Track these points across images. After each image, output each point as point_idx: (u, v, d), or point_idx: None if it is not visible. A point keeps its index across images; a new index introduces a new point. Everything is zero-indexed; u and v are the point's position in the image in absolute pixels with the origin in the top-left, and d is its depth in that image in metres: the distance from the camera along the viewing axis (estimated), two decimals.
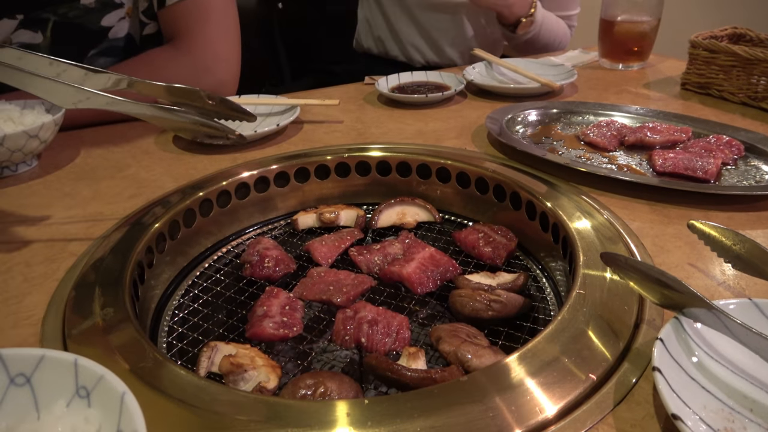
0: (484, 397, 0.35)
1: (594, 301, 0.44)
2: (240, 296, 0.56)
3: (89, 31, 0.90)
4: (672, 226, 0.55)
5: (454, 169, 0.68)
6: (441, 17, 1.31)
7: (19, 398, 0.29)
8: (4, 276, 0.52)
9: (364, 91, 1.02)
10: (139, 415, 0.26)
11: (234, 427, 0.34)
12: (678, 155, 0.66)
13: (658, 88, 0.98)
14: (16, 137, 0.67)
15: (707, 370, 0.36)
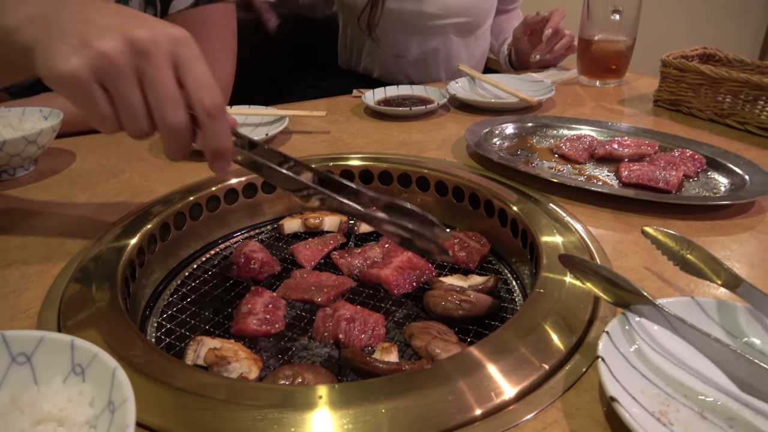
0: (446, 382, 0.39)
1: (552, 299, 0.47)
2: (226, 295, 0.59)
3: None
4: (632, 233, 0.59)
5: (433, 179, 0.72)
6: (426, 42, 1.35)
7: (20, 375, 0.32)
8: (2, 272, 0.55)
9: (351, 103, 1.06)
10: (128, 387, 0.29)
11: (216, 408, 0.37)
12: (643, 167, 0.70)
13: (632, 105, 1.03)
14: (15, 142, 0.70)
15: (648, 359, 0.40)
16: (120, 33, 0.41)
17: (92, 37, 0.41)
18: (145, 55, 0.41)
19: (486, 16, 1.39)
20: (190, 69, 0.43)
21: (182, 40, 0.43)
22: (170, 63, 0.43)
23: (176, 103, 0.43)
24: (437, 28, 1.32)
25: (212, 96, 0.43)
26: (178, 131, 0.44)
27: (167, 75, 0.42)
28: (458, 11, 1.30)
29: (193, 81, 0.43)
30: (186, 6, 0.94)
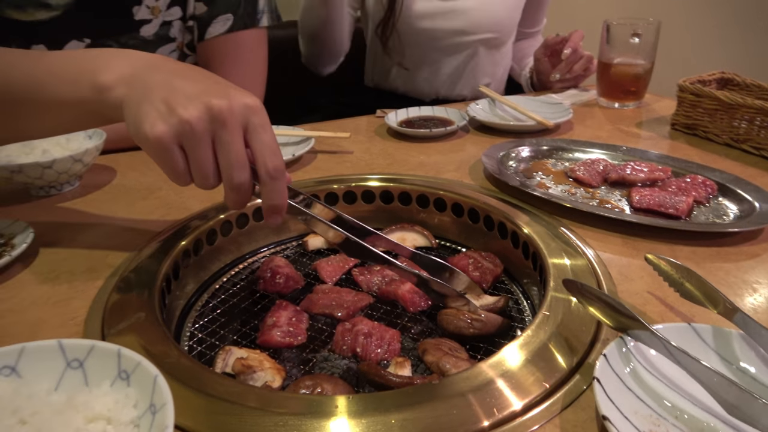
0: (454, 395, 0.42)
1: (557, 321, 0.50)
2: (253, 308, 0.63)
3: None
4: (639, 258, 0.61)
5: (450, 200, 0.75)
6: (456, 58, 1.39)
7: (73, 378, 0.37)
8: (52, 282, 0.60)
9: (374, 123, 1.11)
10: (168, 392, 0.33)
11: (242, 413, 0.41)
12: (654, 193, 0.72)
13: (650, 128, 1.05)
14: (63, 161, 0.76)
15: (642, 381, 0.42)
16: (201, 102, 0.47)
17: (178, 105, 0.47)
18: (221, 123, 0.47)
19: (511, 32, 1.44)
20: (258, 134, 0.49)
21: (254, 108, 0.49)
22: (242, 129, 0.48)
23: (243, 165, 0.49)
24: (465, 44, 1.36)
25: (275, 160, 0.49)
26: (241, 188, 0.50)
27: (238, 140, 0.48)
28: (486, 27, 1.34)
29: (260, 145, 0.49)
30: (221, 32, 1.00)
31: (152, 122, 0.47)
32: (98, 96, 0.52)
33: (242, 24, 1.01)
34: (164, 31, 1.00)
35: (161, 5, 0.97)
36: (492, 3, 1.33)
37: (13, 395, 0.34)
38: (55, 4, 0.88)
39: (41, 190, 0.81)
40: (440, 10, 1.31)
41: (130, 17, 0.95)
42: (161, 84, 0.49)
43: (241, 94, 0.49)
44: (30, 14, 0.88)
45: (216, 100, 0.47)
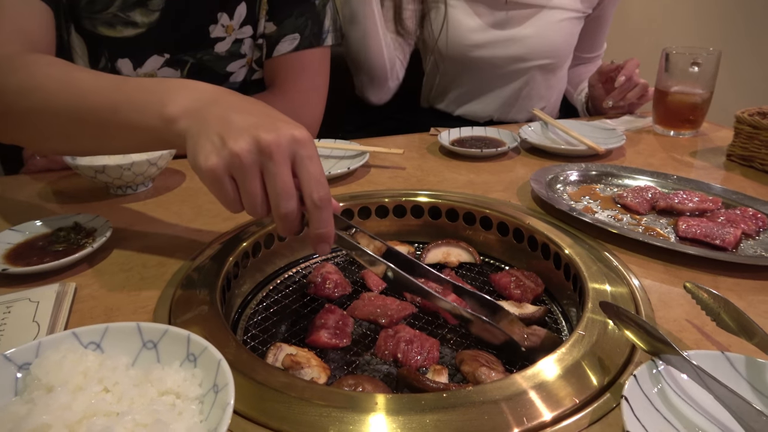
0: (485, 402, 0.45)
1: (592, 341, 0.52)
2: (303, 309, 0.67)
3: (216, 75, 1.08)
4: (680, 286, 0.62)
5: (496, 219, 0.78)
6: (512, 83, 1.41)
7: (148, 357, 0.42)
8: (126, 274, 0.66)
9: (427, 141, 1.15)
10: (230, 375, 0.37)
11: (290, 402, 0.45)
12: (701, 223, 0.73)
13: (704, 158, 1.04)
14: (141, 164, 0.83)
15: (671, 404, 0.44)
16: (251, 135, 0.50)
17: (229, 138, 0.51)
18: (268, 155, 0.50)
19: (567, 57, 1.45)
20: (305, 166, 0.52)
21: (302, 140, 0.52)
22: (289, 160, 0.51)
23: (290, 195, 0.52)
24: (521, 71, 1.39)
25: (321, 190, 0.52)
26: (288, 217, 0.53)
27: (285, 171, 0.51)
28: (543, 54, 1.36)
29: (307, 176, 0.52)
30: (288, 50, 1.07)
31: (206, 154, 0.51)
32: (164, 126, 0.57)
33: (308, 43, 1.07)
34: (236, 47, 1.07)
35: (235, 24, 1.04)
36: (549, 30, 1.35)
37: (99, 367, 0.39)
38: (141, 22, 0.97)
39: (119, 190, 0.88)
40: (498, 39, 1.34)
41: (207, 35, 1.03)
42: (218, 118, 0.53)
43: (290, 127, 0.52)
44: (118, 31, 0.97)
45: (264, 134, 0.50)
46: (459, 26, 1.33)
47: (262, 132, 0.51)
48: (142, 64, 1.01)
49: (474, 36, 1.33)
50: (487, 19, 1.33)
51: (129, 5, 0.95)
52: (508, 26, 1.34)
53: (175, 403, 0.38)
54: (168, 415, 0.35)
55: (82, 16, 0.95)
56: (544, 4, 1.33)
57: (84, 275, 0.66)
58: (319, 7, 1.08)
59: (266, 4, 1.06)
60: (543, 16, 1.34)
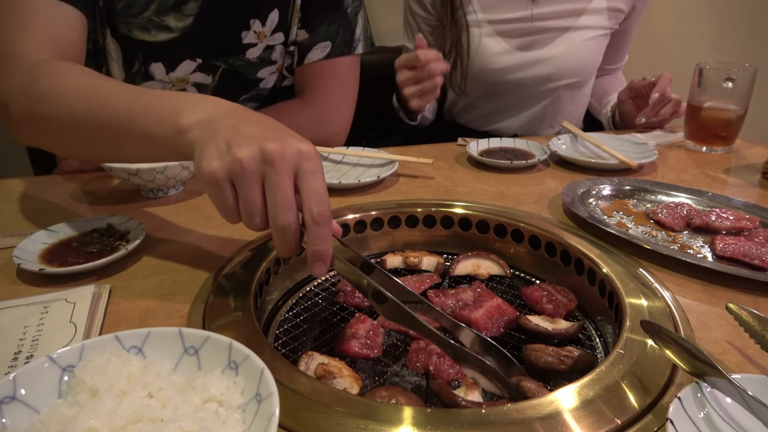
0: (521, 422, 0.44)
1: (631, 360, 0.51)
2: (333, 318, 0.67)
3: (246, 80, 1.10)
4: (719, 306, 0.61)
5: (528, 232, 0.77)
6: (538, 102, 1.41)
7: (189, 363, 0.42)
8: (159, 277, 0.67)
9: (456, 151, 1.14)
10: (273, 384, 0.37)
11: (326, 412, 0.45)
12: (739, 242, 0.71)
13: (738, 175, 1.02)
14: (173, 168, 0.84)
15: (716, 428, 0.43)
16: (257, 143, 0.50)
17: (234, 144, 0.50)
18: (271, 164, 0.50)
19: (593, 73, 1.44)
20: (307, 179, 0.51)
21: (306, 154, 0.51)
22: (292, 172, 0.51)
23: (289, 207, 0.51)
24: (549, 90, 1.38)
25: (321, 206, 0.50)
26: (286, 231, 0.52)
27: (286, 182, 0.50)
28: (570, 73, 1.36)
29: (308, 190, 0.51)
30: (319, 58, 1.08)
31: (210, 159, 0.51)
32: (177, 135, 0.57)
33: (339, 51, 1.08)
34: (267, 54, 1.08)
35: (267, 31, 1.05)
36: (576, 49, 1.34)
37: (143, 372, 0.39)
38: (175, 26, 0.98)
39: (150, 192, 0.89)
40: (525, 61, 1.34)
41: (239, 41, 1.04)
42: (228, 127, 0.53)
43: (297, 140, 0.52)
44: (153, 35, 0.98)
45: (270, 143, 0.50)
46: (486, 50, 1.33)
47: (268, 141, 0.50)
48: (174, 69, 1.02)
49: (501, 59, 1.33)
50: (513, 43, 1.33)
51: (164, 10, 0.96)
52: (534, 48, 1.33)
53: (218, 411, 0.37)
54: (213, 423, 0.35)
55: (118, 20, 0.96)
56: (571, 24, 1.32)
57: (118, 277, 0.67)
58: (351, 15, 1.09)
59: (299, 12, 1.07)
60: (570, 36, 1.33)
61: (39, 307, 0.58)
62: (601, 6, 1.33)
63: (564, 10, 1.31)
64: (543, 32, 1.32)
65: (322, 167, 0.53)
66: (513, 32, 1.32)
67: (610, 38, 1.42)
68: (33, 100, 0.69)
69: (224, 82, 1.07)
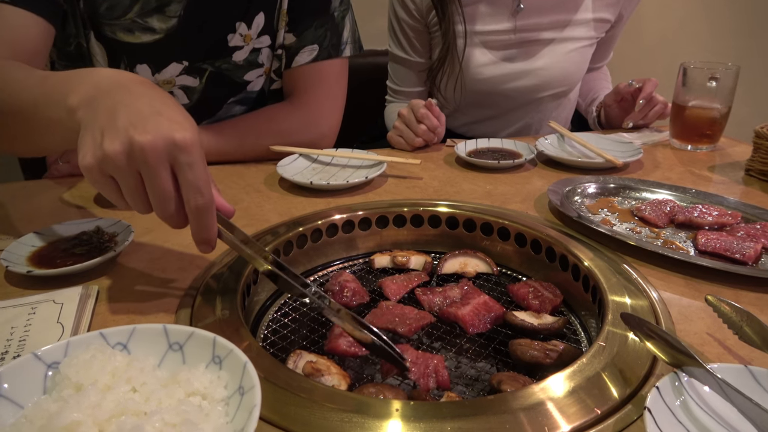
0: (507, 411, 0.45)
1: (612, 352, 0.52)
2: (321, 317, 0.68)
3: (234, 83, 1.10)
4: (700, 299, 0.62)
5: (514, 230, 0.78)
6: (523, 111, 1.43)
7: (173, 358, 0.43)
8: (147, 278, 0.67)
9: (444, 152, 1.15)
10: (256, 377, 0.38)
11: (312, 407, 0.46)
12: (721, 237, 0.72)
13: (723, 172, 1.04)
14: None
15: (693, 416, 0.44)
16: (127, 137, 0.49)
17: (107, 137, 0.50)
18: (142, 160, 0.49)
19: (579, 81, 1.46)
20: (183, 173, 0.51)
21: (181, 145, 0.50)
22: (166, 164, 0.50)
23: (167, 198, 0.52)
24: (535, 100, 1.40)
25: (200, 199, 0.51)
26: (171, 219, 0.54)
27: (161, 176, 0.50)
28: (557, 83, 1.37)
29: (185, 184, 0.51)
30: (307, 61, 1.08)
31: (84, 153, 0.51)
32: (69, 117, 0.56)
33: (327, 54, 1.09)
34: (254, 57, 1.09)
35: (252, 34, 1.06)
36: (562, 60, 1.35)
37: (127, 367, 0.40)
38: (159, 28, 0.99)
39: None
40: (510, 72, 1.34)
41: (225, 43, 1.05)
42: (106, 111, 0.52)
43: (174, 128, 0.50)
44: (137, 37, 0.99)
45: (140, 136, 0.49)
46: (471, 61, 1.33)
47: (138, 134, 0.49)
48: (160, 70, 1.03)
49: (486, 70, 1.34)
50: (498, 54, 1.34)
51: (147, 12, 0.97)
52: (519, 59, 1.34)
53: (201, 405, 0.38)
54: (196, 416, 0.35)
55: (102, 22, 0.97)
56: (555, 36, 1.33)
57: (106, 279, 0.67)
58: (338, 18, 1.10)
59: (286, 16, 1.07)
60: (555, 48, 1.34)
61: (26, 308, 0.58)
62: (586, 17, 1.34)
63: (548, 22, 1.31)
64: (527, 44, 1.33)
65: (201, 152, 0.52)
66: (498, 44, 1.33)
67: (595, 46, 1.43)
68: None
69: (211, 84, 1.08)
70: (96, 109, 0.53)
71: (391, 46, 1.43)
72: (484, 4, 1.29)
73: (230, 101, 1.13)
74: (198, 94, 1.08)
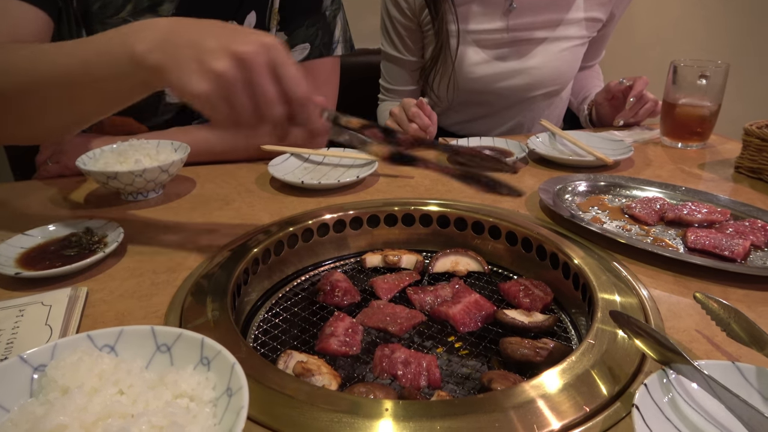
0: (497, 410, 0.45)
1: (602, 350, 0.52)
2: (312, 317, 0.68)
3: None
4: (689, 297, 0.62)
5: (505, 228, 0.78)
6: (515, 110, 1.43)
7: (161, 360, 0.42)
8: (137, 279, 0.67)
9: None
10: (244, 378, 0.38)
11: (302, 408, 0.45)
12: (710, 234, 0.73)
13: (713, 170, 1.04)
14: (152, 170, 0.84)
15: (681, 412, 0.44)
16: (229, 52, 0.52)
17: (209, 61, 0.52)
18: (250, 68, 0.53)
19: (571, 80, 1.46)
20: (284, 69, 0.55)
21: (274, 46, 0.54)
22: (269, 68, 0.54)
23: (275, 101, 0.55)
24: (527, 99, 1.40)
25: (300, 89, 0.55)
26: (279, 121, 0.57)
27: (268, 81, 0.54)
28: (549, 82, 1.38)
29: (287, 78, 0.55)
30: (298, 59, 1.08)
31: (196, 81, 0.53)
32: (138, 66, 0.57)
33: (318, 53, 1.09)
34: None
35: None
36: (554, 60, 1.35)
37: (114, 370, 0.40)
38: None
39: (130, 196, 0.89)
40: (503, 71, 1.35)
41: None
42: (190, 43, 0.54)
43: (260, 36, 0.54)
44: None
45: (241, 47, 0.52)
46: (464, 60, 1.33)
47: (238, 45, 0.53)
48: None
49: (479, 69, 1.34)
50: (491, 53, 1.34)
51: (139, 11, 0.97)
52: (512, 58, 1.35)
53: (189, 407, 0.38)
54: (183, 418, 0.35)
55: (94, 21, 0.96)
56: (548, 35, 1.34)
57: (95, 280, 0.67)
58: (329, 17, 1.09)
59: (277, 15, 1.07)
60: (548, 47, 1.35)
61: (14, 310, 0.58)
62: (578, 17, 1.35)
63: (540, 21, 1.32)
64: (520, 43, 1.33)
65: (288, 51, 0.56)
66: (490, 43, 1.33)
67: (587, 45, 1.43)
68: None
69: None
70: (175, 46, 0.55)
71: (383, 45, 1.43)
72: (476, 3, 1.29)
73: None
74: None
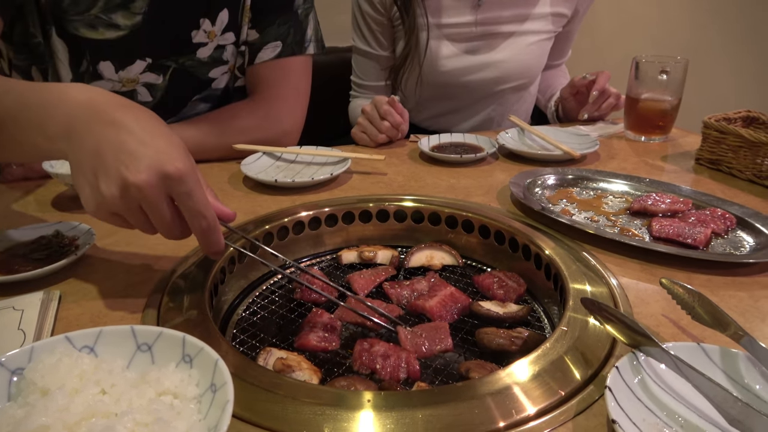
0: (475, 397, 0.46)
1: (574, 337, 0.54)
2: (291, 314, 0.68)
3: (198, 80, 1.09)
4: (656, 283, 0.64)
5: (477, 222, 0.79)
6: (484, 104, 1.46)
7: (142, 359, 0.42)
8: (112, 281, 0.66)
9: (408, 147, 1.16)
10: (228, 374, 0.38)
11: (284, 402, 0.46)
12: (674, 223, 0.76)
13: (675, 161, 1.08)
14: None
15: (651, 392, 0.46)
16: (120, 179, 0.51)
17: (101, 182, 0.52)
18: (141, 198, 0.53)
19: (539, 74, 1.50)
20: (183, 202, 0.54)
21: (175, 177, 0.52)
22: (165, 197, 0.54)
23: (172, 226, 0.56)
24: (495, 93, 1.43)
25: (203, 222, 0.56)
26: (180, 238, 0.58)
27: (161, 208, 0.54)
28: (516, 76, 1.41)
29: (187, 211, 0.55)
30: (270, 57, 1.08)
31: (85, 199, 0.55)
32: (49, 144, 0.58)
33: (290, 51, 1.09)
34: (218, 53, 1.07)
35: (217, 30, 1.05)
36: (522, 53, 1.39)
37: (95, 370, 0.39)
38: (123, 24, 0.97)
39: None
40: (472, 65, 1.38)
41: (189, 40, 1.03)
42: (91, 151, 0.53)
43: (162, 161, 0.52)
44: (101, 33, 0.97)
45: (134, 177, 0.51)
46: (434, 54, 1.35)
47: (131, 174, 0.51)
48: (124, 68, 1.01)
49: (448, 62, 1.36)
50: (460, 47, 1.36)
51: (111, 7, 0.95)
52: (481, 52, 1.37)
53: (173, 404, 0.38)
54: (168, 414, 0.35)
55: (65, 18, 0.94)
56: (515, 29, 1.37)
57: (68, 283, 0.66)
58: (302, 16, 1.09)
59: (249, 12, 1.07)
60: (515, 41, 1.38)
61: None
62: (544, 11, 1.38)
63: (508, 16, 1.35)
64: (488, 37, 1.36)
65: (195, 176, 0.55)
66: (459, 36, 1.35)
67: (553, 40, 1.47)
68: None
69: (175, 82, 1.06)
70: (80, 146, 0.54)
71: (354, 40, 1.44)
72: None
73: (194, 99, 1.11)
74: (161, 92, 1.06)
